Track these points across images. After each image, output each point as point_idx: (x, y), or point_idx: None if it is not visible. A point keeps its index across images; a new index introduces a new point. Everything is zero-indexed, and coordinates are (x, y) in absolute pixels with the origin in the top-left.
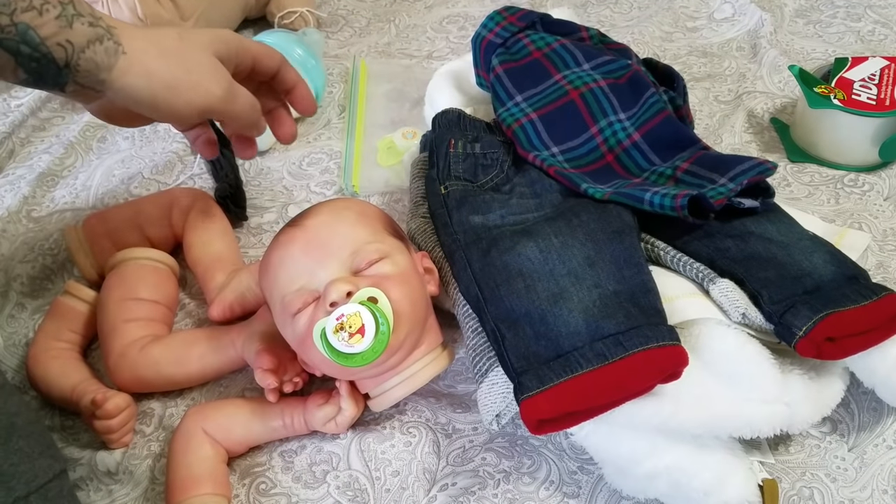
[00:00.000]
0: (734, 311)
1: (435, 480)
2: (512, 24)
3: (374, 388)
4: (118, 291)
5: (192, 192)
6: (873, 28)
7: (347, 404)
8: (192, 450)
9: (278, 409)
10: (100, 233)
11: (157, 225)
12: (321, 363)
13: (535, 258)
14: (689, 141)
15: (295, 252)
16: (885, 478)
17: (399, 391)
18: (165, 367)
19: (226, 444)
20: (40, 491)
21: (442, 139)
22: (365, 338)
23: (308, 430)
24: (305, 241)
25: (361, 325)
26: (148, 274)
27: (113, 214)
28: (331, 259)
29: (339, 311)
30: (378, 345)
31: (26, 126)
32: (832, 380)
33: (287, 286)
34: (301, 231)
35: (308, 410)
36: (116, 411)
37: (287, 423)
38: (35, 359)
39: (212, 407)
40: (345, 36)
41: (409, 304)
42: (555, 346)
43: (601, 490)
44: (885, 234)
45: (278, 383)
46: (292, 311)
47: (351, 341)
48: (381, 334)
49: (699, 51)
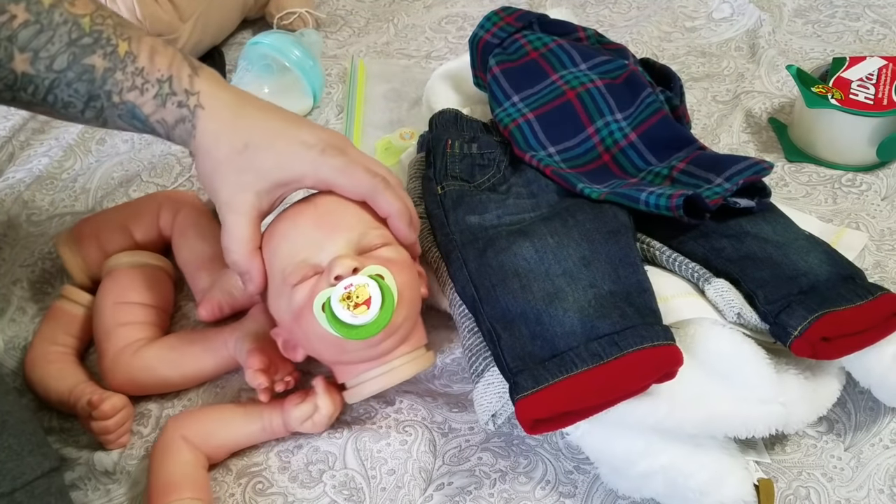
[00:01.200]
0: (729, 310)
1: (431, 480)
2: (509, 25)
3: (352, 378)
4: (113, 295)
5: (180, 194)
6: (872, 27)
7: (324, 402)
8: (172, 456)
9: (257, 412)
10: (89, 238)
11: (146, 228)
12: (315, 338)
13: (531, 258)
14: (686, 141)
15: (303, 225)
16: (881, 477)
17: (377, 384)
18: (160, 369)
19: (205, 450)
20: (26, 488)
21: (439, 139)
22: (371, 309)
23: (287, 432)
24: (315, 216)
25: (368, 297)
26: (142, 277)
27: (101, 219)
28: (339, 236)
29: (348, 281)
30: (382, 318)
31: (26, 129)
32: (828, 379)
33: (289, 258)
34: (311, 207)
35: (285, 411)
36: (113, 412)
37: (266, 426)
38: (33, 363)
39: (190, 415)
40: (343, 36)
41: (410, 290)
42: (550, 345)
43: (597, 490)
44: (883, 234)
45: (269, 383)
46: (292, 282)
47: (356, 312)
48: (386, 308)
49: (697, 51)
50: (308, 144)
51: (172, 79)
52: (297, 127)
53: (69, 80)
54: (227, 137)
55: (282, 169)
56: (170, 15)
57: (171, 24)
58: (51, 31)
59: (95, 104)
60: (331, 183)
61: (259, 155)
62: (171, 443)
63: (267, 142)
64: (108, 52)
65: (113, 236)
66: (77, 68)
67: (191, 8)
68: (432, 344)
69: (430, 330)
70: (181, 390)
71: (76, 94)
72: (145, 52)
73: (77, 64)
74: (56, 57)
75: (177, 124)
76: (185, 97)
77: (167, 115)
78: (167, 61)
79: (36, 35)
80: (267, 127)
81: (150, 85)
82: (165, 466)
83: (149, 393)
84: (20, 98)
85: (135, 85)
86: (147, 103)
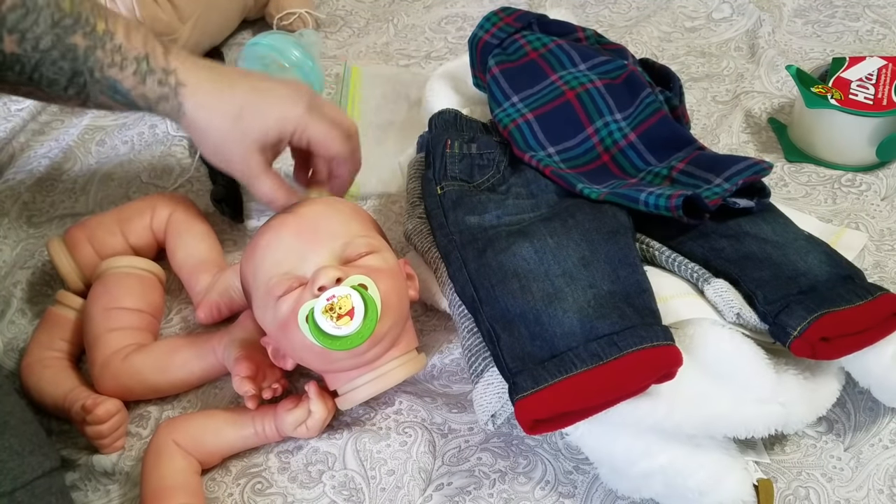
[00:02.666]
0: (729, 311)
1: (431, 480)
2: (508, 25)
3: (344, 385)
4: (102, 301)
5: (173, 196)
6: (872, 27)
7: (317, 407)
8: (164, 462)
9: (249, 417)
10: (82, 242)
11: (139, 231)
12: (302, 348)
13: (531, 258)
14: (685, 141)
15: (286, 236)
16: (881, 477)
17: (369, 389)
18: (148, 375)
19: (198, 455)
20: (27, 487)
21: (438, 140)
22: (354, 320)
23: (280, 437)
24: (298, 227)
25: (351, 307)
26: (132, 282)
27: (94, 223)
28: (322, 246)
29: (330, 293)
30: (365, 329)
31: (27, 130)
32: (827, 380)
33: (273, 269)
34: (294, 217)
35: (278, 416)
36: (107, 416)
37: (259, 431)
38: (28, 368)
39: (182, 419)
40: (343, 36)
41: (395, 298)
42: (549, 346)
43: (596, 490)
44: (882, 234)
45: (256, 391)
46: (277, 293)
47: (339, 323)
48: (370, 319)
49: (697, 51)
50: (294, 100)
51: (149, 56)
52: (276, 84)
53: (54, 58)
54: (220, 109)
55: (279, 125)
56: (169, 15)
57: (170, 24)
58: (36, 13)
59: (78, 80)
60: (315, 143)
61: (256, 117)
62: (163, 448)
63: (258, 103)
64: (88, 31)
65: (106, 240)
66: (61, 47)
67: (190, 8)
68: (431, 344)
69: (430, 330)
70: (179, 393)
71: (60, 72)
72: (121, 31)
73: (61, 43)
74: (42, 37)
75: (159, 101)
76: (164, 75)
77: (148, 92)
78: (142, 39)
79: (23, 17)
80: (251, 88)
81: (129, 62)
82: (158, 471)
83: (138, 399)
84: (6, 78)
85: (114, 62)
86: (127, 79)
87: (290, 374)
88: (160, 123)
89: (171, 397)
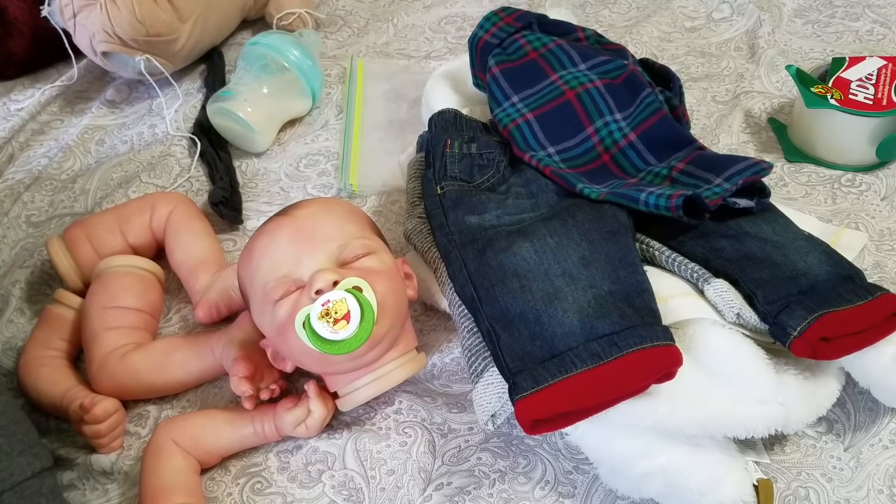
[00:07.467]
0: (729, 311)
1: (430, 480)
2: (508, 25)
3: (344, 387)
4: (101, 299)
5: (172, 195)
6: (871, 28)
7: (316, 406)
8: (163, 461)
9: (248, 417)
10: (82, 241)
11: (139, 230)
12: (300, 352)
13: (531, 258)
14: (685, 141)
15: (282, 240)
16: (880, 477)
17: (369, 390)
18: (145, 375)
19: (197, 455)
20: (15, 489)
21: (438, 139)
22: (350, 324)
23: (279, 437)
24: (294, 230)
25: (347, 311)
26: (131, 282)
27: (94, 222)
28: (318, 249)
29: (325, 297)
30: (362, 332)
31: (26, 130)
32: (827, 380)
33: (270, 273)
34: (290, 220)
35: (278, 415)
36: (104, 416)
37: (258, 431)
38: (26, 367)
39: (181, 419)
40: (343, 36)
41: (393, 299)
42: (549, 346)
43: (596, 490)
44: (882, 234)
45: (254, 391)
46: (274, 297)
47: (335, 327)
48: (366, 322)
49: (697, 51)
50: None
51: None
52: None
53: None
54: None
55: None
56: (169, 15)
57: (170, 24)
58: None
59: None
60: None
61: None
62: (162, 447)
63: None
64: None
65: (106, 239)
66: None
67: (190, 8)
68: (431, 344)
69: (430, 330)
70: (179, 392)
71: None
72: None
73: None
74: None
75: None
76: None
77: None
78: None
79: None
80: None
81: None
82: (157, 471)
83: (135, 398)
84: None
85: None
86: None
87: (289, 374)
88: (160, 123)
89: (170, 396)
